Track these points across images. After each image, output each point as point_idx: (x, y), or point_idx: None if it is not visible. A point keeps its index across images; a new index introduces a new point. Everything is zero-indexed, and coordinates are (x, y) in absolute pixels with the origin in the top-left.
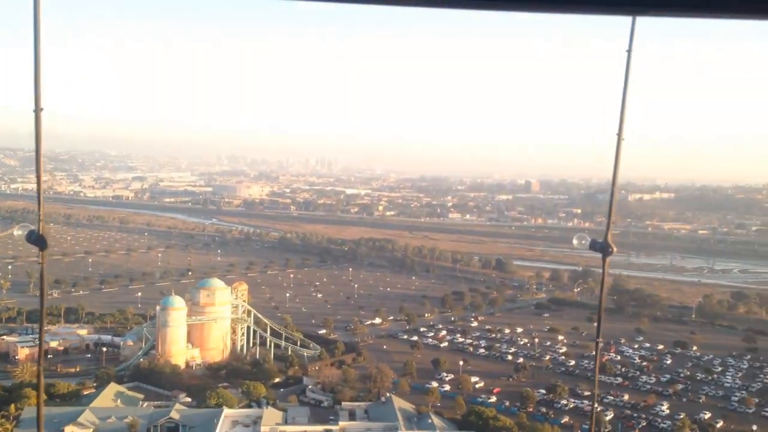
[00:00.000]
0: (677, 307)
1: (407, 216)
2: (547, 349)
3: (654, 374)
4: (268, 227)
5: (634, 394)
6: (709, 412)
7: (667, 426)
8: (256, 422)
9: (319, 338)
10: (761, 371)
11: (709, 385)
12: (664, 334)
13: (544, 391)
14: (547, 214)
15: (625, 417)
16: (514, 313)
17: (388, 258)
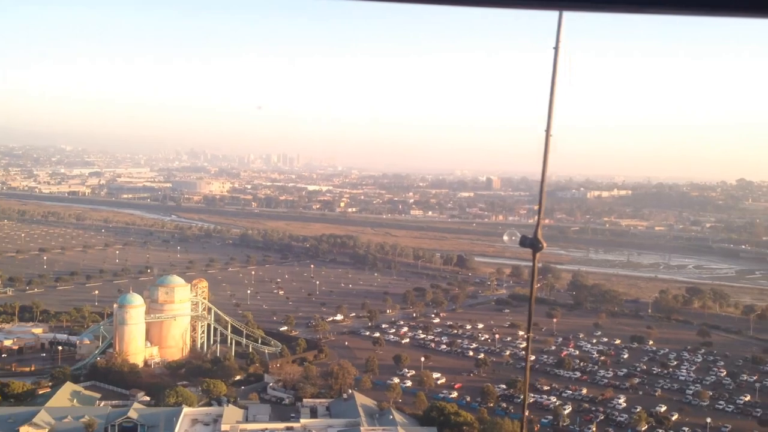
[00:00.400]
0: (634, 302)
1: (369, 212)
2: (507, 344)
3: (611, 368)
4: (229, 224)
5: (592, 388)
6: (664, 405)
7: (624, 419)
8: (216, 420)
9: (281, 335)
10: (715, 365)
11: (665, 379)
12: (621, 328)
13: (504, 386)
14: (508, 210)
15: (583, 411)
16: (475, 309)
17: (350, 254)
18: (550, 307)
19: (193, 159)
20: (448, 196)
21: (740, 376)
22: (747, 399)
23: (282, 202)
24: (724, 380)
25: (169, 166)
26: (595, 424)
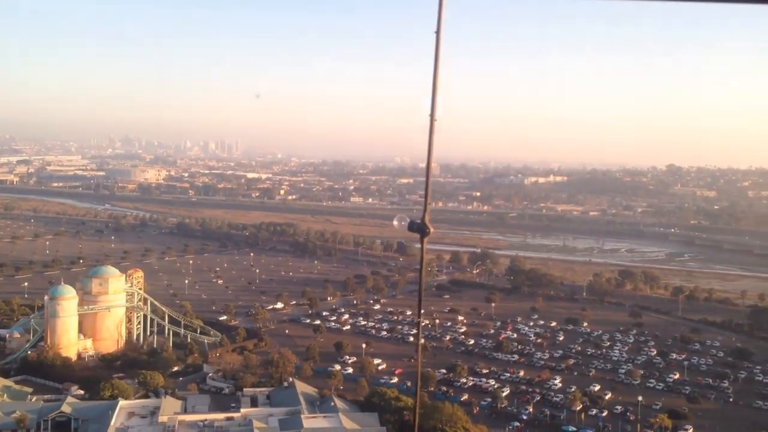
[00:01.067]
0: (569, 285)
1: (309, 200)
2: (447, 329)
3: (548, 350)
4: (165, 212)
5: (529, 370)
6: (598, 385)
7: (560, 399)
8: (153, 413)
9: (220, 325)
10: (646, 345)
11: (599, 359)
12: (557, 311)
13: (444, 370)
14: (447, 197)
15: (521, 392)
16: (415, 296)
17: (290, 242)
18: (489, 292)
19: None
20: (388, 183)
21: (670, 355)
22: (676, 377)
23: (220, 190)
24: (655, 359)
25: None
26: (532, 404)
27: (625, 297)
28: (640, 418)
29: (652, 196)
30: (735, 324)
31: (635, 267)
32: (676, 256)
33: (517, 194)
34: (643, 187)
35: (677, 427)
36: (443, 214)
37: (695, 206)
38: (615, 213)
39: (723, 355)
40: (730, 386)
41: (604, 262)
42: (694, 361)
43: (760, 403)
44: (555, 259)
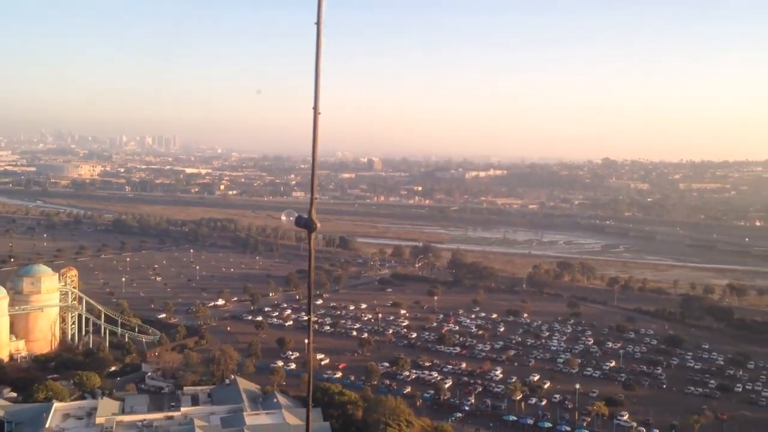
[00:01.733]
0: (510, 277)
1: (250, 195)
2: (390, 323)
3: (489, 342)
4: (100, 209)
5: (471, 361)
6: (538, 374)
7: (501, 390)
8: (90, 414)
9: (159, 323)
10: (583, 334)
11: (538, 350)
12: (498, 303)
13: (387, 364)
14: (389, 191)
15: (463, 384)
16: (358, 290)
17: (231, 238)
18: (431, 285)
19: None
20: (329, 178)
21: (606, 344)
22: (612, 365)
23: (158, 186)
24: (592, 348)
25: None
26: (473, 395)
27: (563, 288)
28: (577, 406)
29: (589, 189)
30: (667, 312)
31: (573, 258)
32: (611, 247)
33: (458, 188)
34: (579, 180)
35: (613, 413)
36: (385, 209)
37: (629, 198)
38: (553, 206)
39: (656, 343)
40: (663, 372)
41: (543, 254)
42: (629, 349)
43: (692, 388)
44: (496, 251)
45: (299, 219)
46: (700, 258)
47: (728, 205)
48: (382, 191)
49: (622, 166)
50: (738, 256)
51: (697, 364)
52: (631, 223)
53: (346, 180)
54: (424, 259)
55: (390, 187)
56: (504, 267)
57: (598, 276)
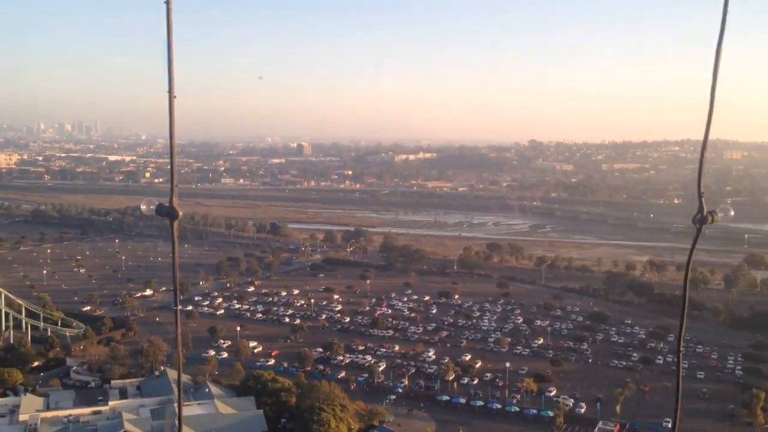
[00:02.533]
0: (441, 260)
1: None
2: (323, 308)
3: (422, 324)
4: (18, 199)
5: (404, 344)
6: (469, 354)
7: (434, 371)
8: (13, 411)
9: (84, 316)
10: (512, 313)
11: (470, 330)
12: (430, 285)
13: (321, 349)
14: (319, 176)
15: (397, 366)
16: (290, 276)
17: (158, 227)
18: (363, 270)
19: None
20: (259, 164)
21: (534, 322)
22: (540, 342)
23: (80, 175)
24: (521, 326)
25: None
26: (407, 377)
27: (493, 269)
28: (508, 384)
29: (516, 170)
30: (592, 289)
31: (502, 239)
32: (539, 227)
33: (388, 172)
34: (507, 162)
35: (542, 389)
36: (316, 194)
37: (555, 179)
38: (482, 188)
39: (582, 319)
40: (588, 348)
41: (473, 236)
42: (556, 327)
43: (616, 362)
44: (427, 234)
45: (160, 207)
46: (623, 236)
47: (648, 184)
48: (313, 176)
49: (547, 147)
50: (657, 233)
51: (621, 339)
52: (557, 203)
53: (276, 165)
54: (355, 243)
55: (320, 172)
56: (435, 249)
57: (526, 256)
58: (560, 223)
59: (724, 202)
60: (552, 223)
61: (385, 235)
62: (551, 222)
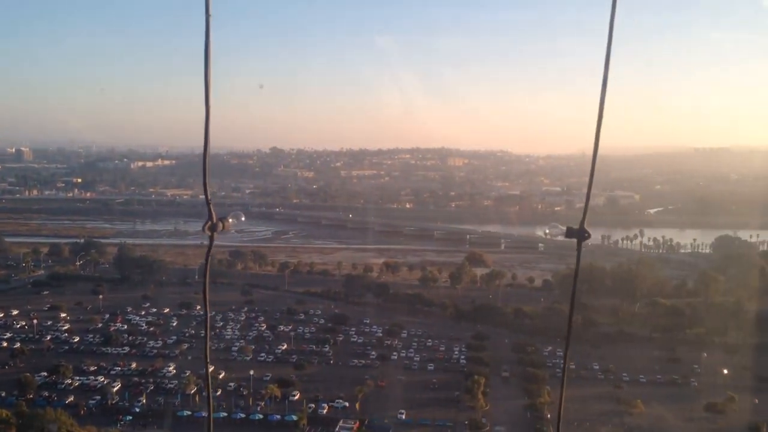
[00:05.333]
0: (182, 269)
1: None
2: (48, 328)
3: (161, 338)
4: None
5: (142, 360)
6: (212, 366)
7: (174, 385)
8: None
9: None
10: (257, 320)
11: (213, 340)
12: (170, 297)
13: (45, 373)
14: (43, 184)
15: (134, 385)
16: (8, 295)
17: None
18: (96, 284)
19: None
20: None
21: (278, 328)
22: (284, 347)
23: None
24: (265, 333)
25: None
26: (145, 395)
27: (236, 276)
28: (252, 392)
29: (259, 177)
30: (333, 293)
31: (245, 247)
32: (281, 234)
33: (123, 179)
34: (249, 169)
35: (286, 394)
36: (39, 204)
37: (297, 186)
38: (225, 195)
39: (324, 322)
40: (330, 349)
41: (216, 243)
42: (299, 331)
43: (356, 360)
44: (167, 244)
45: None
46: (361, 239)
47: (383, 190)
48: (35, 184)
49: (288, 155)
50: (392, 236)
51: (360, 338)
52: (299, 209)
53: None
54: (86, 256)
55: (45, 179)
56: (176, 259)
57: (269, 262)
58: (303, 228)
59: (236, 209)
60: (294, 229)
61: (119, 246)
62: (294, 228)
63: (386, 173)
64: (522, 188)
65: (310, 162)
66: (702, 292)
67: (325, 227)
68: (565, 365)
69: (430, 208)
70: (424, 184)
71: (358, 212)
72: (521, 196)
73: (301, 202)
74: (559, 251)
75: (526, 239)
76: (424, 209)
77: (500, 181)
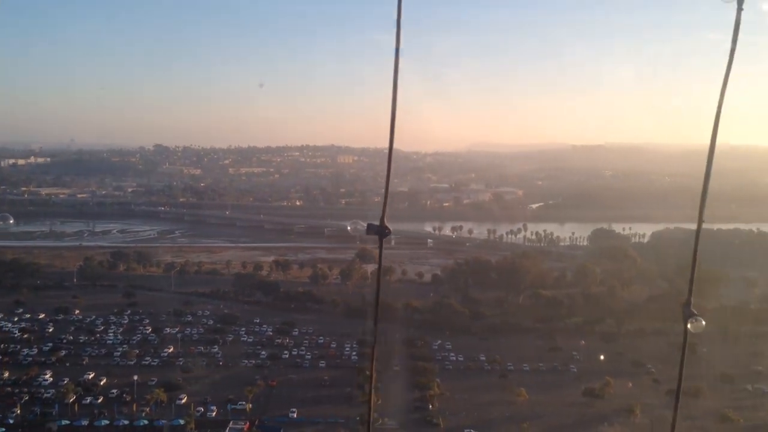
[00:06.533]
0: (58, 272)
1: None
2: None
3: (36, 345)
4: None
5: (15, 369)
6: (93, 372)
7: (51, 394)
8: None
9: None
10: (141, 323)
11: (92, 346)
12: (46, 302)
13: None
14: None
15: (6, 395)
16: None
17: None
18: None
19: None
20: None
21: (164, 330)
22: (171, 350)
23: None
24: (150, 336)
25: None
26: (19, 406)
27: (118, 278)
28: (136, 397)
29: (142, 175)
30: (222, 292)
31: (128, 247)
32: (167, 233)
33: None
34: (133, 166)
35: (172, 398)
36: None
37: (183, 184)
38: (106, 194)
39: (213, 323)
40: (219, 350)
41: (96, 244)
42: (187, 333)
43: (246, 361)
44: (41, 246)
45: None
46: (251, 238)
47: (273, 188)
48: None
49: (174, 152)
50: (282, 234)
51: (250, 338)
52: (185, 208)
53: None
54: None
55: None
56: (52, 262)
57: (154, 263)
58: (190, 227)
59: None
60: (181, 228)
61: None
62: (180, 227)
63: (276, 171)
64: (410, 185)
65: (197, 159)
66: (580, 282)
67: (214, 226)
68: (374, 356)
69: (320, 205)
70: (314, 182)
71: (248, 210)
72: (410, 192)
73: (188, 200)
74: (448, 246)
75: (415, 235)
76: (314, 207)
77: None
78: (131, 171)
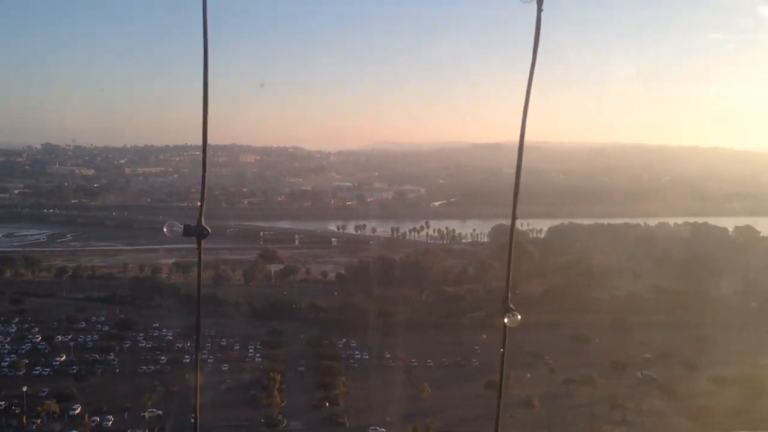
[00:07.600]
0: None
1: None
2: None
3: None
4: None
5: None
6: None
7: None
8: None
9: None
10: (30, 331)
11: None
12: None
13: None
14: None
15: None
16: None
17: None
18: None
19: None
20: None
21: (56, 338)
22: (63, 359)
23: None
24: (40, 345)
25: None
26: None
27: (4, 284)
28: (26, 409)
29: (30, 176)
30: (119, 297)
31: (16, 252)
32: (58, 236)
33: None
34: (19, 167)
35: (65, 408)
36: None
37: (75, 185)
38: None
39: (108, 329)
40: (116, 357)
41: None
42: (81, 340)
43: (145, 367)
44: None
45: None
46: (149, 240)
47: (172, 188)
48: None
49: (65, 151)
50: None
51: (149, 343)
52: (78, 210)
53: None
54: None
55: None
56: None
57: (44, 268)
58: (83, 230)
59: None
60: (73, 231)
61: None
62: (73, 230)
63: (175, 170)
64: (314, 184)
65: (90, 159)
66: (481, 278)
67: (109, 228)
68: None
69: (222, 205)
70: (215, 181)
71: (146, 211)
72: (314, 191)
73: (80, 202)
74: (352, 245)
75: (319, 234)
76: (215, 207)
77: (293, 177)
78: (18, 171)
